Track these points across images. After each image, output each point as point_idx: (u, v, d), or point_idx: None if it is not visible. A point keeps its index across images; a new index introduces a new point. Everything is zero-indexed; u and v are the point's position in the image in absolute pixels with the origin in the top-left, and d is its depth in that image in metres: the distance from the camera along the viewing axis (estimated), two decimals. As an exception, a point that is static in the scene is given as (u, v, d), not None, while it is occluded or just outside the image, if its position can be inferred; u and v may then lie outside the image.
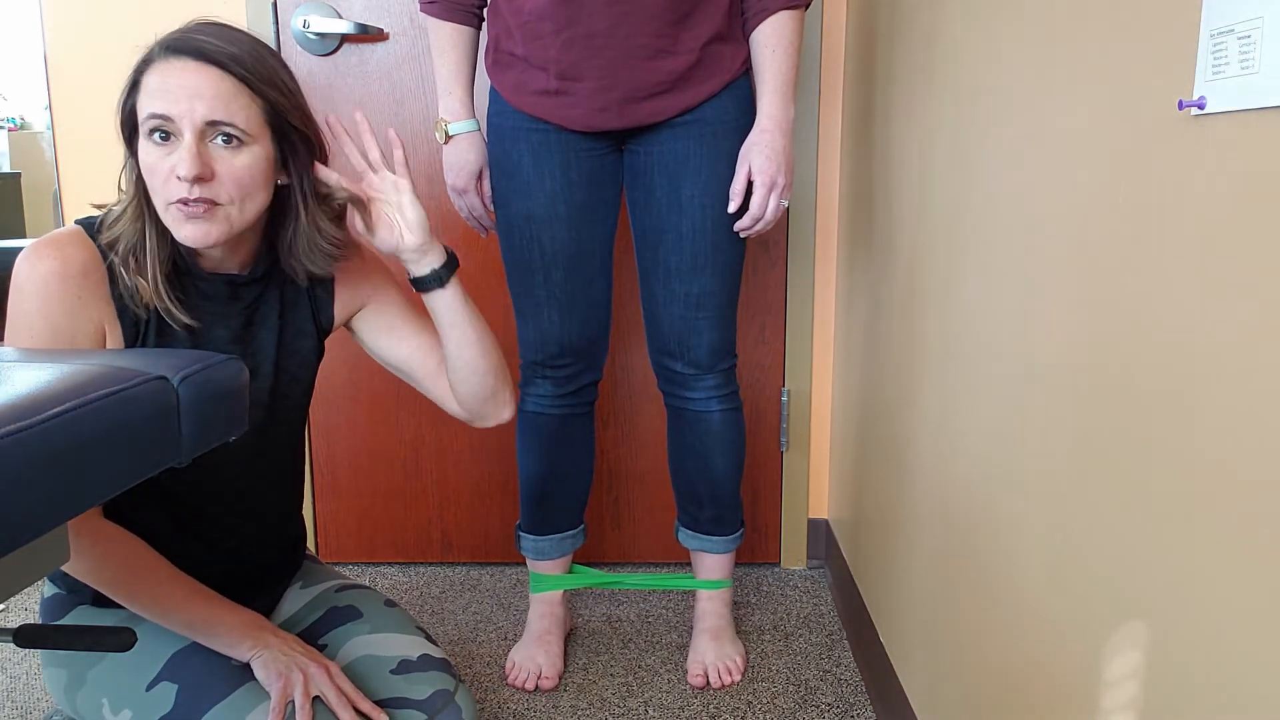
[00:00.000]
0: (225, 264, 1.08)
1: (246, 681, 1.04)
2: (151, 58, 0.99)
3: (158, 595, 1.04)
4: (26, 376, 0.65)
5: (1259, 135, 0.56)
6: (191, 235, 0.99)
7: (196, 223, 0.99)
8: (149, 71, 0.99)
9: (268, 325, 1.13)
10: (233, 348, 1.10)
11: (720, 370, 1.55)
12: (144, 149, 0.99)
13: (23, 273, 0.98)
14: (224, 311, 1.09)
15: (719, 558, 1.67)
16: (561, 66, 1.36)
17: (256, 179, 1.01)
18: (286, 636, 1.09)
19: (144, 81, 0.99)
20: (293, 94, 1.04)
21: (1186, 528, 0.64)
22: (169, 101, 0.97)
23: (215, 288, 1.08)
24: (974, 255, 1.08)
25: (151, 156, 0.98)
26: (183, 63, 0.98)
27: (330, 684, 1.05)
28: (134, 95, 1.00)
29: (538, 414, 1.59)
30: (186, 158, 0.96)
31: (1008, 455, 0.98)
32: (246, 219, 1.02)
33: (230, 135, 0.98)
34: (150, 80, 0.98)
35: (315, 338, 1.18)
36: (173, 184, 0.98)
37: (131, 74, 1.00)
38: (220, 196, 0.99)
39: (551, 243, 1.47)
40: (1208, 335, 0.61)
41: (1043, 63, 0.89)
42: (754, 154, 1.38)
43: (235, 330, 1.10)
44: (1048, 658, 0.87)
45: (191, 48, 0.98)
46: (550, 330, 1.52)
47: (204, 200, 0.98)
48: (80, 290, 0.99)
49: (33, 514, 0.58)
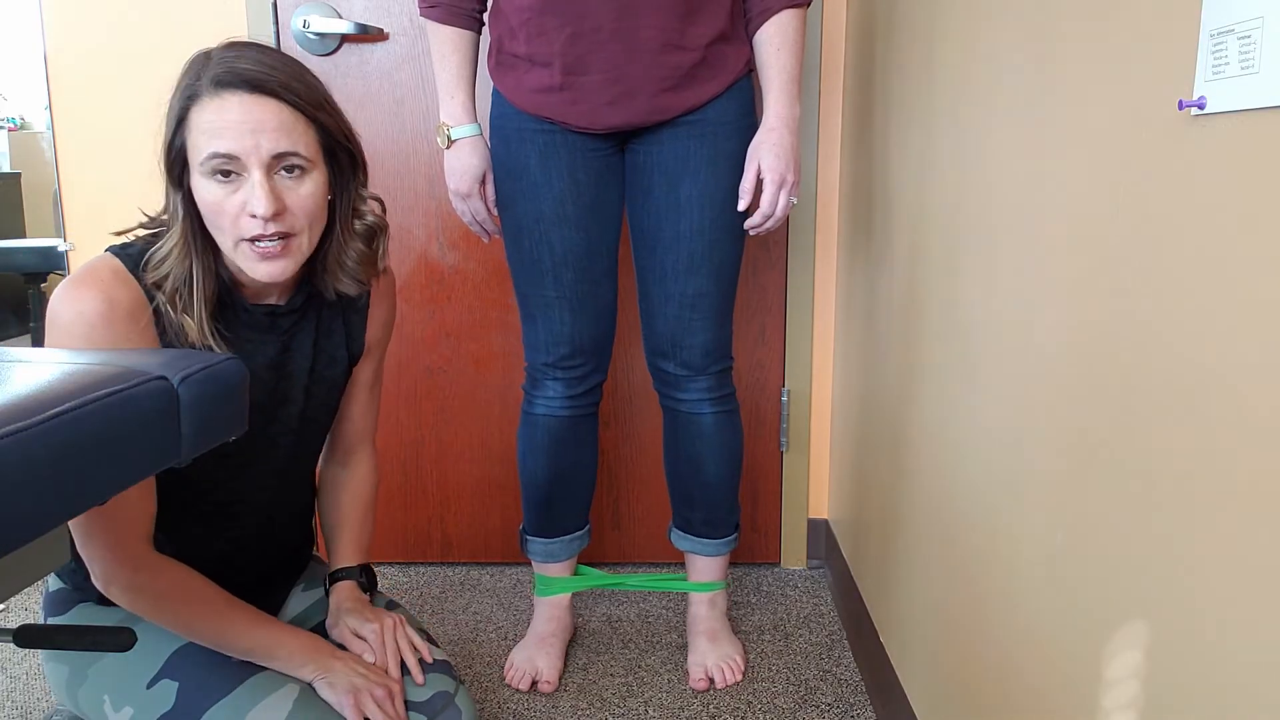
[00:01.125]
0: (267, 293, 1.07)
1: (247, 679, 1.05)
2: (197, 92, 0.95)
3: (219, 625, 1.04)
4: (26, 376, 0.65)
5: (1259, 135, 0.56)
6: (268, 273, 0.98)
7: (273, 261, 0.98)
8: (197, 108, 0.95)
9: (302, 352, 1.12)
10: (268, 373, 1.09)
11: (713, 373, 1.55)
12: (204, 187, 0.96)
13: (66, 313, 0.94)
14: (263, 340, 1.08)
15: (711, 560, 1.67)
16: (566, 61, 1.36)
17: (320, 204, 1.01)
18: (347, 656, 1.10)
19: (193, 119, 0.95)
20: (337, 112, 1.03)
21: (1186, 527, 0.64)
22: (232, 139, 0.94)
23: (256, 318, 1.07)
24: (974, 255, 1.08)
25: (214, 194, 0.95)
26: (238, 97, 0.94)
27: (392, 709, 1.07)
28: (181, 132, 0.96)
29: (547, 416, 1.59)
30: (262, 195, 0.94)
31: (1008, 455, 0.98)
32: (312, 246, 1.02)
33: (294, 165, 0.97)
34: (202, 117, 0.95)
35: (346, 363, 1.19)
36: (244, 221, 0.96)
37: (175, 109, 0.96)
38: (294, 228, 0.98)
39: (562, 243, 1.47)
40: (1208, 335, 0.61)
41: (1043, 63, 0.89)
42: (763, 152, 1.38)
43: (272, 358, 1.09)
44: (1048, 657, 0.87)
45: (243, 80, 0.95)
46: (562, 331, 1.52)
47: (279, 234, 0.97)
48: (129, 334, 0.96)
49: (33, 514, 0.58)
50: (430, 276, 1.96)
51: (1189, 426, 0.63)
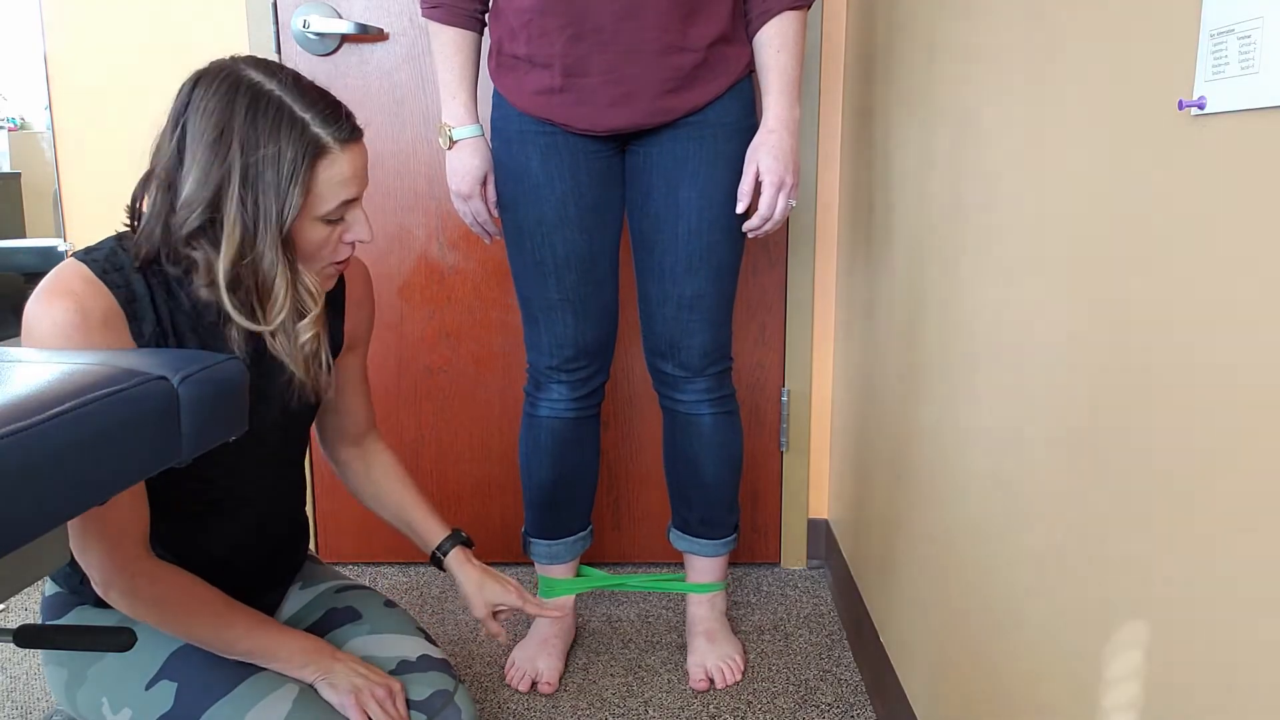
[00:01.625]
0: None
1: (246, 678, 1.05)
2: (324, 150, 0.98)
3: (218, 628, 1.05)
4: (26, 376, 0.65)
5: (1259, 135, 0.56)
6: (332, 284, 1.11)
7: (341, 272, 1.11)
8: (328, 162, 0.99)
9: None
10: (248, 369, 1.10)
11: (711, 374, 1.55)
12: (316, 230, 1.02)
13: (41, 324, 0.94)
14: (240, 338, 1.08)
15: (709, 561, 1.67)
16: (567, 62, 1.36)
17: None
18: (347, 658, 1.11)
19: (321, 174, 0.99)
20: None
21: (1186, 527, 0.64)
22: (360, 185, 1.03)
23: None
24: (974, 255, 1.08)
25: (323, 234, 1.03)
26: (360, 148, 1.03)
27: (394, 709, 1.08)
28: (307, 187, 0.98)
29: (551, 419, 1.59)
30: (368, 226, 1.06)
31: (1007, 455, 0.98)
32: None
33: None
34: (335, 171, 1.00)
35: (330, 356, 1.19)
36: (342, 249, 1.06)
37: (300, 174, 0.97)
38: None
39: (564, 245, 1.47)
40: (1207, 334, 0.61)
41: (1043, 63, 0.89)
42: (762, 154, 1.38)
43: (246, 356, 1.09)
44: (1048, 658, 0.87)
45: (359, 132, 1.03)
46: (565, 333, 1.52)
47: None
48: (105, 340, 0.96)
49: (33, 514, 0.58)
50: (430, 276, 1.96)
51: (1189, 426, 0.63)
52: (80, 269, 0.98)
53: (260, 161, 0.95)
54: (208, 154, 0.95)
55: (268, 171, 0.95)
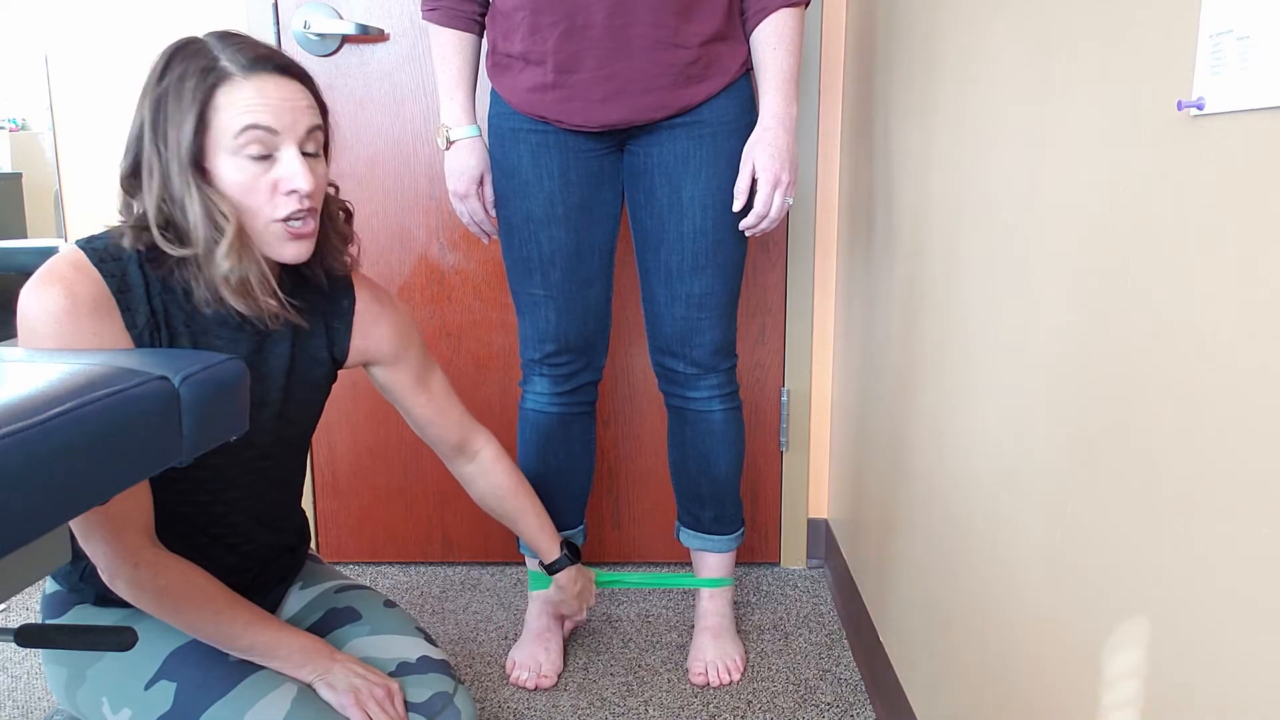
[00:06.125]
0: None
1: (245, 678, 1.05)
2: (225, 75, 0.95)
3: (220, 622, 1.05)
4: (27, 376, 0.65)
5: (1259, 135, 0.56)
6: (296, 253, 1.01)
7: (301, 241, 1.01)
8: (228, 89, 0.95)
9: (277, 353, 1.12)
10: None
11: (722, 370, 1.56)
12: (235, 168, 0.96)
13: (32, 311, 0.95)
14: (234, 339, 1.08)
15: (721, 557, 1.68)
16: (560, 58, 1.36)
17: (325, 186, 1.05)
18: (346, 658, 1.11)
19: (221, 101, 0.95)
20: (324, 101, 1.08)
21: (1186, 526, 0.64)
22: (273, 115, 0.95)
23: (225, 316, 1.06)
24: (974, 255, 1.08)
25: (245, 174, 0.96)
26: (274, 79, 0.96)
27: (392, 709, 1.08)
28: (206, 117, 0.95)
29: (536, 412, 1.60)
30: (303, 170, 0.97)
31: (1007, 455, 0.98)
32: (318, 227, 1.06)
33: (317, 146, 1.01)
34: (237, 97, 0.95)
35: (329, 365, 1.19)
36: (280, 200, 0.98)
37: (193, 95, 0.95)
38: (316, 206, 1.02)
39: (550, 242, 1.48)
40: (1208, 335, 0.61)
41: (1042, 63, 0.89)
42: (758, 152, 1.38)
43: (243, 357, 1.09)
44: (1048, 657, 0.87)
45: (274, 63, 0.97)
46: (547, 329, 1.53)
47: (309, 211, 1.00)
48: (95, 327, 0.96)
49: (33, 514, 0.58)
50: (430, 276, 1.96)
51: (1188, 425, 0.63)
52: (75, 255, 0.99)
53: (165, 96, 0.96)
54: (138, 105, 0.98)
55: (170, 104, 0.96)
